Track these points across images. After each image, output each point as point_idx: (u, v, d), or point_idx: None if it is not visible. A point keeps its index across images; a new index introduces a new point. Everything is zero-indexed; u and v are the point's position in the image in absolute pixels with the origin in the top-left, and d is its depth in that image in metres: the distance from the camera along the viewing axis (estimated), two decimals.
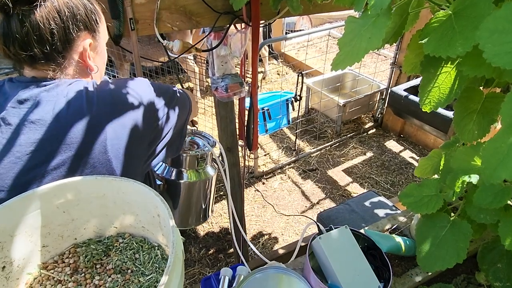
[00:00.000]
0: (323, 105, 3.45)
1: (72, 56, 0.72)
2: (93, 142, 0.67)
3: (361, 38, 0.59)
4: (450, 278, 1.05)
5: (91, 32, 0.75)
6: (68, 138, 0.65)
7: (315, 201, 2.73)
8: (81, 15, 0.71)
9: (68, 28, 0.69)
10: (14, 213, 0.57)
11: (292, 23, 5.25)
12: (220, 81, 1.30)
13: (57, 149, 0.64)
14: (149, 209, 0.62)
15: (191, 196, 1.20)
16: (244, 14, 1.19)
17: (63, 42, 0.69)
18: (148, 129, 0.76)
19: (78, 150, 0.65)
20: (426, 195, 0.89)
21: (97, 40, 0.77)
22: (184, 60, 3.48)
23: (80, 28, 0.71)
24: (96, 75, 0.79)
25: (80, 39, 0.72)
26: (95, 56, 0.78)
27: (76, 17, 0.70)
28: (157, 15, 1.07)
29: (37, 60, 0.69)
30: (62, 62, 0.71)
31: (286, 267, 0.86)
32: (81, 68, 0.75)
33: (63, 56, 0.71)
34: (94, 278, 0.61)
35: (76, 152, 0.65)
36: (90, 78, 0.78)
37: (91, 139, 0.66)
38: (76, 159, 0.65)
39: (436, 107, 0.68)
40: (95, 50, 0.77)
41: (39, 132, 0.64)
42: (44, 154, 0.64)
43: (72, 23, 0.69)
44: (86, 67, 0.75)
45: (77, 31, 0.71)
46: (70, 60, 0.72)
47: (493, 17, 0.43)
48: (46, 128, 0.65)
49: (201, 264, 2.26)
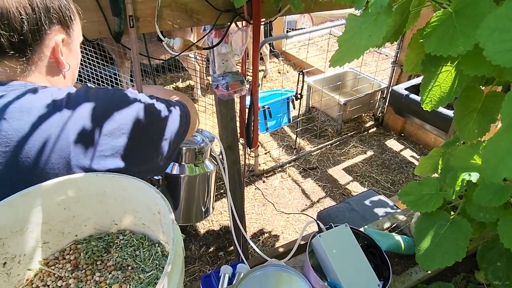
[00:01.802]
0: (323, 103, 3.45)
1: (43, 51, 0.69)
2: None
3: (361, 36, 0.59)
4: (449, 277, 1.06)
5: (65, 28, 0.72)
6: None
7: (315, 200, 2.73)
8: (55, 9, 0.68)
9: (40, 19, 0.66)
10: (15, 209, 0.57)
11: (293, 21, 5.24)
12: (220, 79, 1.30)
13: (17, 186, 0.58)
14: (149, 206, 0.62)
15: (192, 191, 1.20)
16: (245, 12, 1.19)
17: (33, 33, 0.66)
18: (132, 165, 0.68)
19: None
20: (426, 194, 0.89)
21: (70, 37, 0.74)
22: (185, 58, 3.47)
23: (53, 22, 0.68)
24: (67, 73, 0.76)
25: (53, 33, 0.69)
26: (68, 54, 0.74)
27: (50, 10, 0.67)
28: (158, 12, 1.07)
29: (4, 53, 0.65)
30: (31, 56, 0.68)
31: (286, 265, 0.86)
32: (51, 65, 0.72)
33: (32, 50, 0.67)
34: (94, 275, 0.61)
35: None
36: (63, 77, 0.75)
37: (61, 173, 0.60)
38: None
39: (437, 105, 0.68)
40: (68, 47, 0.74)
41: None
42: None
43: (44, 15, 0.66)
44: (58, 64, 0.72)
45: (50, 24, 0.68)
46: (40, 55, 0.69)
47: (493, 15, 0.43)
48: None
49: (201, 261, 2.26)
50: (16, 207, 0.57)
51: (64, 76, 0.76)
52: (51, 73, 0.73)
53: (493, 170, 0.42)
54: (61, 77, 0.75)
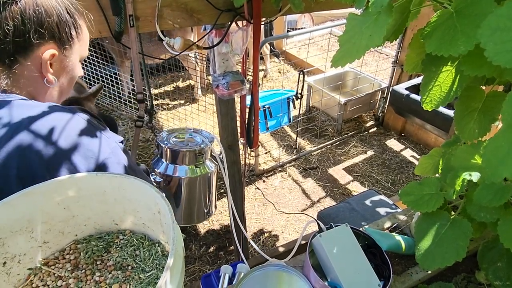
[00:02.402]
0: (324, 103, 3.45)
1: (27, 63, 0.68)
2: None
3: (362, 35, 0.59)
4: (450, 277, 1.05)
5: (60, 45, 0.70)
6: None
7: (316, 200, 2.73)
8: (51, 24, 0.67)
9: (28, 32, 0.64)
10: (15, 209, 0.57)
11: (293, 21, 5.24)
12: (221, 78, 1.30)
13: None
14: (149, 206, 0.62)
15: (193, 192, 1.20)
16: (246, 12, 1.19)
17: (17, 44, 0.65)
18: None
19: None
20: (426, 193, 0.89)
21: (65, 54, 0.72)
22: (185, 57, 3.47)
23: (44, 37, 0.67)
24: (55, 88, 0.75)
25: (42, 48, 0.68)
26: (59, 70, 0.73)
27: (43, 25, 0.66)
28: (159, 12, 1.07)
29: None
30: (12, 65, 0.67)
31: (286, 265, 0.86)
32: (36, 79, 0.70)
33: (13, 60, 0.66)
34: (94, 275, 0.61)
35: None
36: (49, 91, 0.73)
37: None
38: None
39: (437, 105, 0.68)
40: (60, 63, 0.72)
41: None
42: None
43: (35, 29, 0.65)
44: (43, 78, 0.71)
45: (39, 39, 0.66)
46: (24, 66, 0.68)
47: (495, 15, 0.42)
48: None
49: (201, 261, 2.26)
50: (16, 206, 0.57)
51: (49, 90, 0.74)
52: (35, 86, 0.71)
53: (493, 170, 0.42)
54: (46, 91, 0.74)
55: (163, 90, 4.01)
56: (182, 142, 1.18)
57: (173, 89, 4.08)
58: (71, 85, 0.80)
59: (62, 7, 0.69)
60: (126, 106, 3.49)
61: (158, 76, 4.21)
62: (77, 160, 0.66)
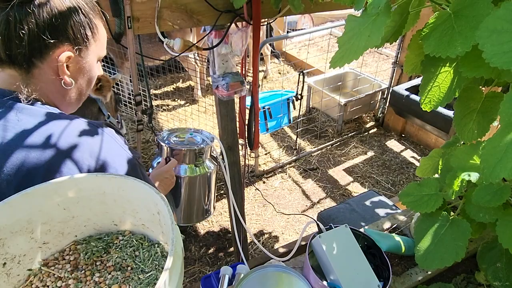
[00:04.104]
0: (324, 104, 3.45)
1: (44, 65, 0.68)
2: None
3: (361, 36, 0.59)
4: (449, 278, 1.06)
5: (76, 46, 0.69)
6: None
7: (316, 200, 2.73)
8: (65, 27, 0.66)
9: (42, 35, 0.64)
10: (15, 210, 0.57)
11: (293, 22, 5.25)
12: (220, 79, 1.30)
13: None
14: (149, 206, 0.62)
15: (192, 191, 1.21)
16: (245, 13, 1.19)
17: (33, 48, 0.65)
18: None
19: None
20: (425, 194, 0.89)
21: (81, 55, 0.72)
22: (185, 58, 3.48)
23: (58, 39, 0.66)
24: (72, 91, 0.75)
25: (57, 50, 0.67)
26: (76, 71, 0.72)
27: (57, 27, 0.65)
28: (158, 13, 1.07)
29: (2, 61, 0.65)
30: (30, 69, 0.67)
31: (286, 266, 0.86)
32: (54, 82, 0.71)
33: (31, 63, 0.66)
34: (94, 275, 0.61)
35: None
36: (67, 92, 0.74)
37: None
38: None
39: (436, 106, 0.69)
40: (77, 64, 0.72)
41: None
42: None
43: (49, 31, 0.64)
44: (61, 81, 0.70)
45: (55, 42, 0.66)
46: (41, 69, 0.68)
47: (492, 17, 0.43)
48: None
49: (201, 262, 2.26)
50: (16, 207, 0.57)
51: (68, 92, 0.74)
52: (54, 88, 0.72)
53: (491, 170, 0.42)
54: (65, 94, 0.74)
55: (163, 91, 4.02)
56: (182, 142, 1.18)
57: (173, 90, 4.08)
58: (90, 86, 0.79)
59: (76, 8, 0.68)
60: (126, 107, 3.49)
61: (158, 77, 4.22)
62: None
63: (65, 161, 0.64)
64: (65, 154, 0.65)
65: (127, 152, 0.75)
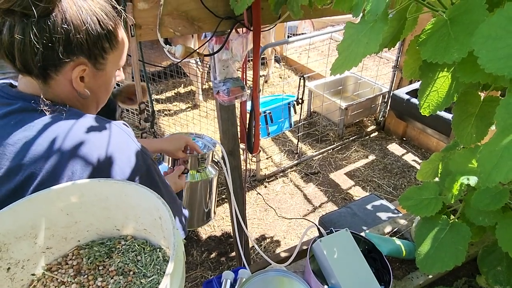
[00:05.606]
0: (325, 108, 3.46)
1: (58, 78, 0.69)
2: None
3: (359, 43, 0.60)
4: (451, 281, 1.06)
5: (91, 59, 0.70)
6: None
7: (317, 205, 2.73)
8: (80, 41, 0.66)
9: (56, 49, 0.64)
10: (19, 215, 0.58)
11: (294, 26, 5.27)
12: (221, 85, 1.31)
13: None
14: (151, 211, 0.63)
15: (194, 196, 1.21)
16: (245, 19, 1.20)
17: (46, 61, 0.65)
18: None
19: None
20: (425, 198, 0.89)
21: (97, 67, 0.72)
22: (186, 64, 3.50)
23: (73, 53, 0.67)
24: (88, 100, 0.76)
25: (71, 63, 0.68)
26: (92, 82, 0.73)
27: (72, 41, 0.65)
28: (160, 20, 1.08)
29: (19, 70, 0.66)
30: (45, 80, 0.68)
31: (287, 270, 0.87)
32: (71, 91, 0.71)
33: (46, 74, 0.67)
34: (96, 280, 0.61)
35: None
36: (83, 101, 0.75)
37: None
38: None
39: (435, 110, 0.69)
40: (93, 77, 0.73)
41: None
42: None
43: (64, 46, 0.65)
44: (76, 92, 0.72)
45: (68, 56, 0.66)
46: (56, 81, 0.69)
47: (487, 24, 0.44)
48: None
49: (203, 267, 2.26)
50: (19, 213, 0.58)
51: (85, 101, 0.76)
52: (71, 95, 0.73)
53: (487, 174, 0.43)
54: (82, 102, 0.75)
55: (164, 96, 4.04)
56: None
57: (174, 95, 4.10)
58: (107, 94, 0.80)
59: (94, 20, 0.67)
60: (128, 112, 3.51)
61: (160, 83, 4.24)
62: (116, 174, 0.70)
63: (75, 158, 0.66)
64: (72, 151, 0.66)
65: (137, 144, 0.76)
